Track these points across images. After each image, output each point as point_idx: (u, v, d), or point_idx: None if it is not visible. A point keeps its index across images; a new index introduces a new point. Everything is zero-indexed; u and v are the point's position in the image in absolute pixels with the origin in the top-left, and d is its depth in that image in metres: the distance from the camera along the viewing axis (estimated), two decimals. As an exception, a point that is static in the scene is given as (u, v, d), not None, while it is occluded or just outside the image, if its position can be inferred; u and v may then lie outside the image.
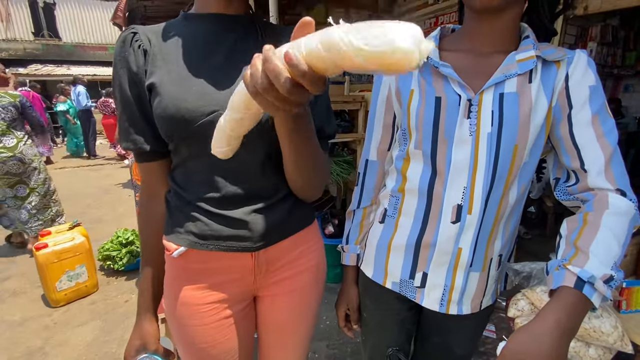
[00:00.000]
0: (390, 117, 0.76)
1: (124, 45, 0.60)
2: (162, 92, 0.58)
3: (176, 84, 0.58)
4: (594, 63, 0.63)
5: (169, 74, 0.59)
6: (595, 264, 0.52)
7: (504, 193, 0.66)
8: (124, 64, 0.60)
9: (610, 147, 0.61)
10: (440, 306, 0.74)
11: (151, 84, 0.59)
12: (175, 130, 0.59)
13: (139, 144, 0.63)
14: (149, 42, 0.61)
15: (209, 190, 0.64)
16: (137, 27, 0.61)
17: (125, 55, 0.59)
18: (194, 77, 0.59)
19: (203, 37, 0.62)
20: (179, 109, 0.57)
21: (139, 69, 0.59)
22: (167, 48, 0.61)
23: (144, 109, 0.61)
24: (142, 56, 0.60)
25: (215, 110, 0.58)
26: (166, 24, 0.64)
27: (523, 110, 0.61)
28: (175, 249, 0.66)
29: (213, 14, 0.63)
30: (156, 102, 0.59)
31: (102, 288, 2.48)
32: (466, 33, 0.68)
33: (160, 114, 0.58)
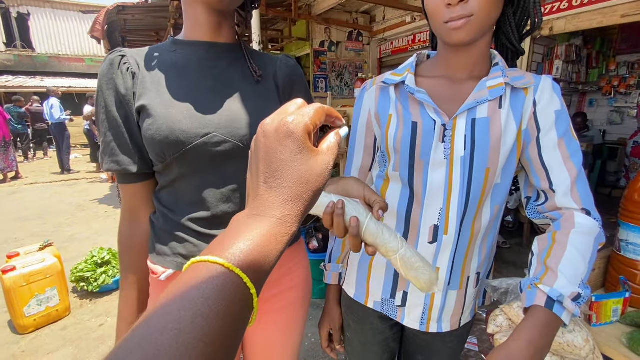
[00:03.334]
0: (371, 139, 0.78)
1: (112, 67, 0.61)
2: (155, 113, 0.59)
3: (169, 106, 0.60)
4: (559, 87, 0.67)
5: (161, 96, 0.60)
6: (564, 282, 0.55)
7: (477, 214, 0.69)
8: (111, 86, 0.60)
9: (575, 169, 0.65)
10: (421, 325, 0.75)
11: (141, 106, 0.60)
12: (168, 151, 0.60)
13: (124, 164, 0.63)
14: (137, 65, 0.62)
15: (197, 210, 0.64)
16: (125, 50, 0.63)
17: (112, 77, 0.60)
18: (186, 100, 0.61)
19: (195, 62, 0.64)
20: (173, 130, 0.59)
21: (128, 91, 0.61)
22: (157, 71, 0.62)
23: (131, 131, 0.62)
24: (130, 78, 0.61)
25: (209, 132, 0.61)
26: (154, 48, 0.66)
27: (494, 135, 0.64)
28: (163, 272, 0.65)
29: (204, 42, 0.66)
30: (148, 124, 0.59)
31: (74, 312, 2.35)
32: (440, 61, 0.71)
33: (152, 135, 0.59)
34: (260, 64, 0.71)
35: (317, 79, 5.69)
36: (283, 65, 0.74)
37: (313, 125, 0.32)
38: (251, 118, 0.64)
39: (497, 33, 0.70)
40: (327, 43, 5.65)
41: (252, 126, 0.64)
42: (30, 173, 7.16)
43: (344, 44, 5.79)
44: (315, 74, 5.66)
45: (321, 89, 5.68)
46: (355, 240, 0.49)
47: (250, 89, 0.68)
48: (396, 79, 0.71)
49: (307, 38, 5.57)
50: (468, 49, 0.65)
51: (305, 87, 0.76)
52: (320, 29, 5.51)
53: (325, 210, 0.51)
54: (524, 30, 0.69)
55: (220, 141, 0.62)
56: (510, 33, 0.68)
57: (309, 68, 5.94)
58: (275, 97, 0.70)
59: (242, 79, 0.68)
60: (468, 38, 0.60)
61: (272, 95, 0.70)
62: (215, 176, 0.64)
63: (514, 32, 0.68)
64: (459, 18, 0.57)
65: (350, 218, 0.49)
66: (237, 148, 0.64)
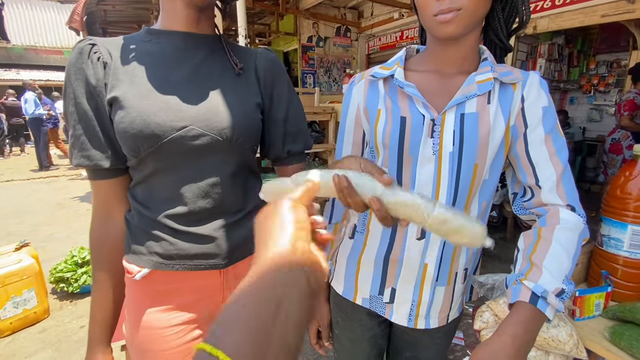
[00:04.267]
0: (359, 134, 0.77)
1: (81, 56, 0.57)
2: (128, 106, 0.56)
3: (143, 98, 0.57)
4: (547, 83, 0.68)
5: (135, 87, 0.58)
6: (548, 278, 0.56)
7: (465, 210, 0.68)
8: (81, 76, 0.57)
9: (561, 165, 0.65)
10: (409, 321, 0.75)
11: (113, 97, 0.57)
12: (142, 145, 0.57)
13: (95, 159, 0.60)
14: (109, 54, 0.59)
15: (174, 206, 0.62)
16: (96, 39, 0.60)
17: (82, 66, 0.57)
18: (162, 92, 0.58)
19: (171, 53, 0.62)
20: (147, 123, 0.56)
21: (98, 82, 0.58)
22: (130, 62, 0.59)
23: (103, 124, 0.59)
24: (101, 68, 0.58)
25: (186, 125, 0.58)
26: (127, 37, 0.63)
27: (482, 130, 0.64)
28: (138, 271, 0.63)
29: (181, 32, 0.63)
30: (120, 116, 0.57)
31: (54, 314, 2.27)
32: (429, 55, 0.70)
33: (125, 128, 0.56)
34: (239, 56, 0.69)
35: (305, 75, 5.65)
36: (263, 58, 0.71)
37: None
38: (231, 111, 0.62)
39: (486, 29, 0.70)
40: (315, 38, 5.61)
41: (232, 119, 0.62)
42: (7, 170, 6.87)
43: (332, 39, 5.76)
44: (303, 70, 5.62)
45: (309, 84, 5.64)
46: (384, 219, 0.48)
47: (229, 81, 0.65)
48: (385, 73, 0.70)
49: (295, 33, 5.52)
50: (457, 44, 0.64)
51: (287, 81, 0.74)
52: (308, 23, 5.46)
53: (335, 188, 0.50)
54: (512, 27, 0.69)
55: (198, 134, 0.59)
56: (499, 29, 0.67)
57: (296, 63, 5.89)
58: (256, 91, 0.68)
59: (221, 71, 0.65)
60: (457, 32, 0.59)
61: (252, 89, 0.68)
62: (192, 171, 0.62)
63: (502, 28, 0.67)
64: (448, 11, 0.57)
65: (370, 200, 0.48)
66: (216, 142, 0.61)
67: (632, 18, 2.90)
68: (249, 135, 0.65)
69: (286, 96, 0.72)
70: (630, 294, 0.85)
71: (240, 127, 0.62)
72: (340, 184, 0.49)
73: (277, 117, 0.72)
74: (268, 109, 0.71)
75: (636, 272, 0.84)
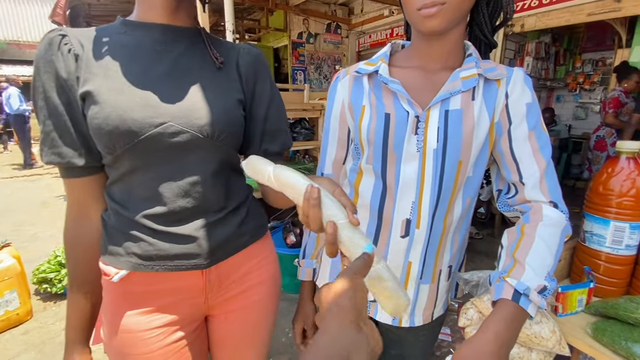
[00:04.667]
0: (344, 131, 0.76)
1: (50, 47, 0.54)
2: (102, 100, 0.54)
3: (119, 92, 0.54)
4: (530, 80, 0.67)
5: (109, 81, 0.55)
6: (531, 275, 0.56)
7: (450, 207, 0.68)
8: (50, 69, 0.54)
9: (545, 161, 0.65)
10: (393, 319, 0.74)
11: (86, 92, 0.54)
12: (118, 142, 0.55)
13: (67, 157, 0.57)
14: (81, 46, 0.56)
15: (153, 205, 0.60)
16: (67, 29, 0.57)
17: (52, 59, 0.54)
18: (138, 86, 0.56)
19: (149, 45, 0.59)
20: (124, 119, 0.54)
21: (69, 75, 0.55)
22: (104, 55, 0.56)
23: (75, 119, 0.56)
24: (73, 61, 0.55)
25: (165, 122, 0.56)
26: (101, 28, 0.60)
27: (466, 127, 0.63)
28: (116, 273, 0.61)
29: (159, 24, 0.61)
30: (94, 112, 0.54)
31: (37, 315, 2.21)
32: (414, 51, 0.69)
33: (99, 124, 0.54)
34: (221, 51, 0.66)
35: (295, 71, 5.61)
36: (245, 53, 0.69)
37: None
38: (211, 107, 0.60)
39: (470, 25, 0.69)
40: (305, 34, 5.57)
41: (213, 116, 0.60)
42: (-12, 168, 6.68)
43: (322, 36, 5.73)
44: (293, 66, 5.58)
45: (299, 81, 5.61)
46: (331, 245, 0.48)
47: (210, 76, 0.63)
48: (369, 69, 0.69)
49: (285, 29, 5.47)
50: (441, 39, 0.63)
51: (270, 78, 0.72)
52: (298, 19, 5.41)
53: (304, 195, 0.48)
54: (496, 22, 0.68)
55: (176, 131, 0.57)
56: (483, 24, 0.67)
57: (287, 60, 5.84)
58: (237, 87, 0.66)
59: (201, 65, 0.63)
60: (441, 26, 0.58)
61: (233, 85, 0.66)
62: (171, 169, 0.60)
63: (486, 24, 0.67)
64: (432, 5, 0.56)
65: (327, 223, 0.47)
66: (196, 139, 0.59)
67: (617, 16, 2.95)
68: (231, 133, 0.63)
69: (268, 93, 0.70)
70: (613, 289, 0.86)
71: (221, 124, 0.60)
72: (311, 194, 0.48)
73: (256, 115, 0.70)
74: (249, 106, 0.69)
75: (618, 268, 0.85)
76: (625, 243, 0.81)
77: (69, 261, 0.66)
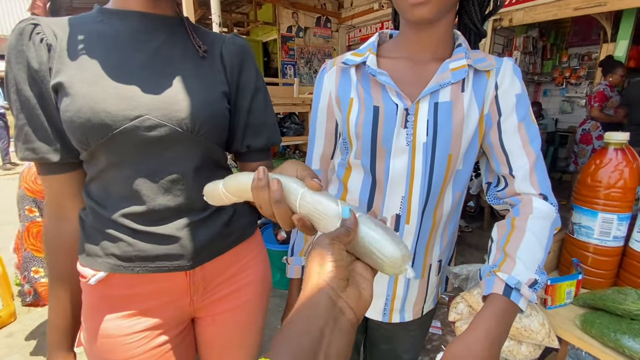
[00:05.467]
0: (332, 124, 0.74)
1: (22, 37, 0.51)
2: (74, 92, 0.51)
3: (92, 84, 0.51)
4: (520, 70, 0.66)
5: (82, 72, 0.52)
6: (521, 269, 0.55)
7: (439, 201, 0.67)
8: (22, 59, 0.51)
9: (534, 154, 0.64)
10: (384, 316, 0.74)
11: (58, 83, 0.51)
12: (91, 136, 0.52)
13: (42, 153, 0.54)
14: (54, 36, 0.53)
15: (132, 204, 0.57)
16: (39, 19, 0.53)
17: (23, 49, 0.51)
18: (114, 77, 0.53)
19: (127, 35, 0.56)
20: (96, 111, 0.51)
21: (41, 66, 0.52)
22: (79, 44, 0.53)
23: (49, 113, 0.53)
24: (45, 51, 0.52)
25: (141, 115, 0.53)
26: (76, 17, 0.57)
27: (456, 119, 0.62)
28: (93, 275, 0.58)
29: (138, 12, 0.57)
30: (66, 104, 0.51)
31: (21, 317, 2.15)
32: (403, 41, 0.67)
33: (71, 117, 0.51)
34: (204, 40, 0.63)
35: (285, 65, 5.54)
36: (230, 43, 0.66)
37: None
38: (192, 99, 0.57)
39: (460, 14, 0.68)
40: (295, 28, 5.50)
41: (193, 108, 0.57)
42: (-33, 166, 6.44)
43: (312, 29, 5.66)
44: (283, 60, 5.51)
45: (289, 75, 5.55)
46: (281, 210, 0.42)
47: (192, 67, 0.60)
48: (357, 60, 0.66)
49: (274, 22, 5.38)
50: (430, 28, 0.62)
51: (256, 69, 0.69)
52: (288, 13, 5.34)
53: (251, 185, 0.44)
54: (486, 10, 0.67)
55: (154, 125, 0.54)
56: (473, 13, 0.66)
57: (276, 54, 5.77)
58: (222, 78, 0.63)
59: (182, 55, 0.60)
60: (430, 14, 0.56)
61: (217, 76, 0.63)
62: (150, 165, 0.57)
63: (476, 12, 0.66)
64: None
65: (272, 181, 0.42)
66: (175, 133, 0.56)
67: (603, 11, 3.00)
68: (213, 126, 0.60)
69: (252, 85, 0.67)
70: (601, 281, 0.87)
71: (203, 117, 0.58)
72: (257, 177, 0.44)
73: (240, 107, 0.67)
74: (234, 98, 0.66)
75: (606, 259, 0.85)
76: (613, 234, 0.82)
77: (48, 262, 0.63)
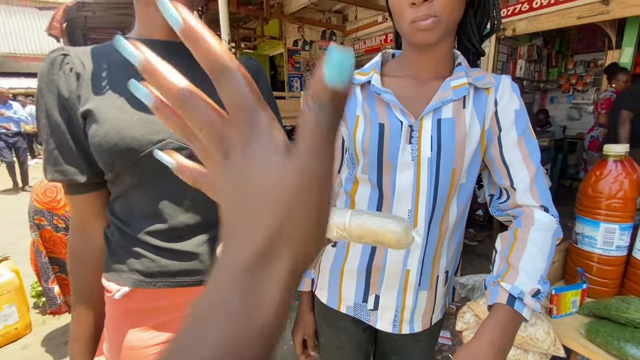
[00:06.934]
0: (338, 141, 0.77)
1: (53, 67, 0.56)
2: (102, 119, 0.55)
3: (118, 110, 0.55)
4: (518, 87, 0.69)
5: (109, 99, 0.56)
6: (524, 279, 0.57)
7: (445, 214, 0.69)
8: (53, 88, 0.56)
9: (534, 167, 0.67)
10: (394, 327, 0.75)
11: (87, 110, 0.56)
12: (118, 159, 0.56)
13: (70, 174, 0.58)
14: (82, 65, 0.57)
15: (154, 222, 0.60)
16: (69, 49, 0.58)
17: (53, 78, 0.55)
18: (137, 104, 0.57)
19: None
20: (123, 136, 0.55)
21: (71, 94, 0.56)
22: (105, 73, 0.58)
23: (77, 137, 0.57)
24: (74, 80, 0.56)
25: (164, 138, 0.57)
26: (102, 46, 0.61)
27: (459, 135, 0.65)
28: (118, 289, 0.61)
29: (159, 41, 0.61)
30: (94, 129, 0.55)
31: (36, 329, 2.20)
32: (405, 60, 0.71)
33: (99, 141, 0.55)
34: None
35: (291, 78, 5.65)
36: (244, 65, 0.70)
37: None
38: None
39: (459, 35, 0.71)
40: (301, 42, 5.62)
41: None
42: (-15, 181, 6.65)
43: (317, 43, 5.78)
44: (289, 73, 5.62)
45: (296, 88, 5.65)
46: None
47: (211, 91, 0.64)
48: (362, 79, 0.70)
49: (280, 37, 5.51)
50: (432, 49, 0.65)
51: (267, 89, 0.73)
52: (294, 27, 5.46)
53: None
54: (484, 32, 0.70)
55: (175, 148, 0.58)
56: (472, 34, 0.68)
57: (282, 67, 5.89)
58: None
59: (202, 80, 0.64)
60: (433, 40, 0.60)
61: None
62: (171, 186, 0.61)
63: (474, 33, 0.69)
64: (425, 17, 0.57)
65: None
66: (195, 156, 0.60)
67: (606, 19, 3.01)
68: None
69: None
70: (605, 290, 0.87)
71: None
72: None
73: None
74: None
75: (610, 268, 0.86)
76: (616, 244, 0.83)
77: (72, 277, 0.67)
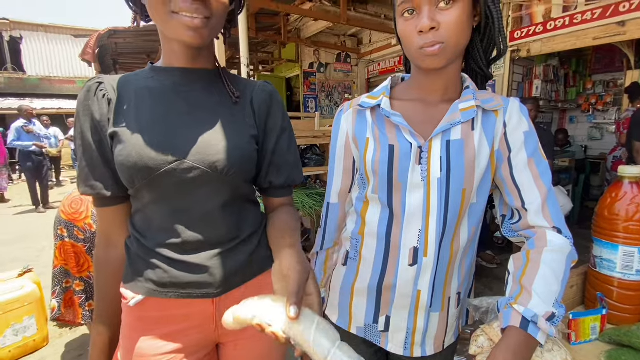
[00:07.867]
0: (349, 161, 0.79)
1: (88, 94, 0.62)
2: (125, 140, 0.60)
3: (140, 132, 0.61)
4: (526, 109, 0.70)
5: (134, 122, 0.62)
6: (538, 302, 0.56)
7: (455, 234, 0.69)
8: (87, 112, 0.62)
9: (545, 188, 0.67)
10: (405, 349, 0.74)
11: (114, 132, 0.61)
12: (137, 177, 0.61)
13: (98, 189, 0.64)
14: (114, 91, 0.63)
15: (169, 236, 0.64)
16: (103, 77, 0.65)
17: (89, 103, 0.62)
18: (157, 126, 0.62)
19: (169, 87, 0.66)
20: (141, 156, 0.59)
21: (102, 117, 0.62)
22: (133, 98, 0.64)
23: (105, 156, 0.63)
24: (106, 105, 0.62)
25: (179, 158, 0.61)
26: (133, 74, 0.68)
27: (468, 156, 0.66)
28: (133, 297, 0.65)
29: (180, 68, 0.67)
30: (119, 150, 0.60)
31: (53, 341, 2.25)
32: (414, 84, 0.73)
33: (122, 161, 0.60)
34: (238, 87, 0.72)
35: (307, 99, 5.80)
36: (260, 90, 0.74)
37: None
38: (224, 143, 0.65)
39: (467, 58, 0.73)
40: (316, 64, 5.80)
41: (224, 152, 0.64)
42: (16, 195, 6.98)
43: (332, 65, 5.95)
44: (305, 94, 5.78)
45: (311, 108, 5.78)
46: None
47: (227, 112, 0.69)
48: (372, 103, 0.72)
49: (297, 60, 5.71)
50: (440, 73, 0.67)
51: (283, 113, 0.76)
52: (310, 51, 5.66)
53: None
54: (491, 56, 0.72)
55: (189, 167, 0.62)
56: (479, 58, 0.71)
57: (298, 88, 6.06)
58: (252, 122, 0.71)
59: (218, 102, 0.69)
60: (441, 65, 0.62)
61: (247, 120, 0.71)
62: (184, 202, 0.64)
63: (481, 58, 0.71)
64: (432, 44, 0.60)
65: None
66: (207, 174, 0.63)
67: (623, 40, 2.99)
68: (242, 167, 0.67)
69: (278, 127, 0.74)
70: (627, 316, 0.83)
71: (232, 160, 0.65)
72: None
73: (266, 148, 0.74)
74: (262, 140, 0.73)
75: (631, 293, 0.82)
76: (636, 268, 0.80)
77: (96, 285, 0.71)
